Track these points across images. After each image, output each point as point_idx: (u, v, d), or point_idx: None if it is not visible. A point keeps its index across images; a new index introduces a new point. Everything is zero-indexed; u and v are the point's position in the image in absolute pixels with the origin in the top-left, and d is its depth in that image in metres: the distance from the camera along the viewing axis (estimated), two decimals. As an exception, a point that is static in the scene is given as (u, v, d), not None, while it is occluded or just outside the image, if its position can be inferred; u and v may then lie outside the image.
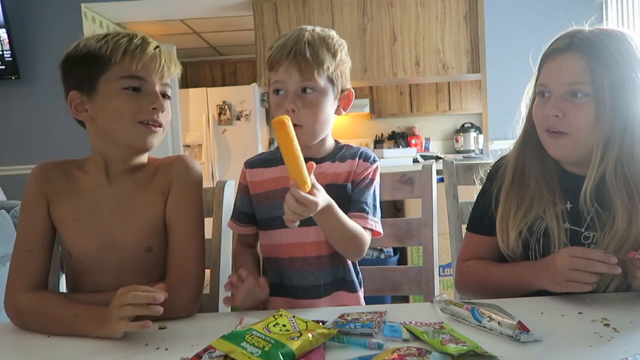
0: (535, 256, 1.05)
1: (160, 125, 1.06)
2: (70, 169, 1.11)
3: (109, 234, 1.05)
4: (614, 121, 0.96)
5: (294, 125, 0.92)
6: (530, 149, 1.07)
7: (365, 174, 1.12)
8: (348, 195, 1.10)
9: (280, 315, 0.84)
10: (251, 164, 1.18)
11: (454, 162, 1.39)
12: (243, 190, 1.18)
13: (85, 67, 1.03)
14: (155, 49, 1.06)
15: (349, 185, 1.11)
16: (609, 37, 0.98)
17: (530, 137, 1.08)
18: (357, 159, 1.12)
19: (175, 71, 1.10)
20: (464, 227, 1.26)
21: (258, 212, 1.15)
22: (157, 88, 1.06)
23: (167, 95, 1.09)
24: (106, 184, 1.08)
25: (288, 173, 0.89)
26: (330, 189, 1.00)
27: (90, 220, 1.06)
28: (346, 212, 1.04)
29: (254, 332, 0.77)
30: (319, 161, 1.11)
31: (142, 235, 1.06)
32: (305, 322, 0.82)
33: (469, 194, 1.29)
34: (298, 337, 0.76)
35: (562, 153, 1.02)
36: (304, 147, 0.93)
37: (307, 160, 0.93)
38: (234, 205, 1.20)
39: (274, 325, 0.80)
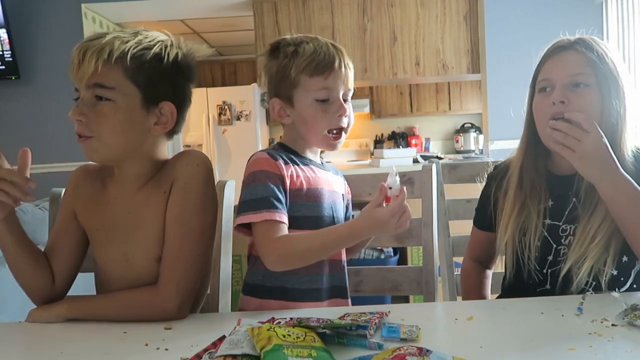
0: (520, 250, 1.12)
1: (84, 137, 0.97)
2: (105, 177, 1.07)
3: (120, 249, 1.02)
4: (609, 112, 1.04)
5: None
6: (530, 157, 1.15)
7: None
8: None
9: (279, 324, 0.82)
10: (280, 158, 1.08)
11: (439, 162, 1.48)
12: (277, 179, 1.05)
13: None
14: (79, 49, 0.94)
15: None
16: (598, 43, 1.09)
17: (530, 145, 1.15)
18: (339, 175, 1.21)
19: (109, 58, 0.94)
20: (452, 223, 1.46)
21: (289, 208, 1.07)
22: (83, 94, 0.97)
23: (102, 97, 0.95)
24: (123, 195, 1.04)
25: None
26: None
27: (108, 235, 1.03)
28: None
29: (283, 346, 0.70)
30: (325, 169, 1.17)
31: (151, 245, 1.00)
32: (304, 331, 0.78)
33: (457, 191, 1.50)
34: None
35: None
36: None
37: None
38: (266, 196, 1.03)
39: (288, 334, 0.75)
